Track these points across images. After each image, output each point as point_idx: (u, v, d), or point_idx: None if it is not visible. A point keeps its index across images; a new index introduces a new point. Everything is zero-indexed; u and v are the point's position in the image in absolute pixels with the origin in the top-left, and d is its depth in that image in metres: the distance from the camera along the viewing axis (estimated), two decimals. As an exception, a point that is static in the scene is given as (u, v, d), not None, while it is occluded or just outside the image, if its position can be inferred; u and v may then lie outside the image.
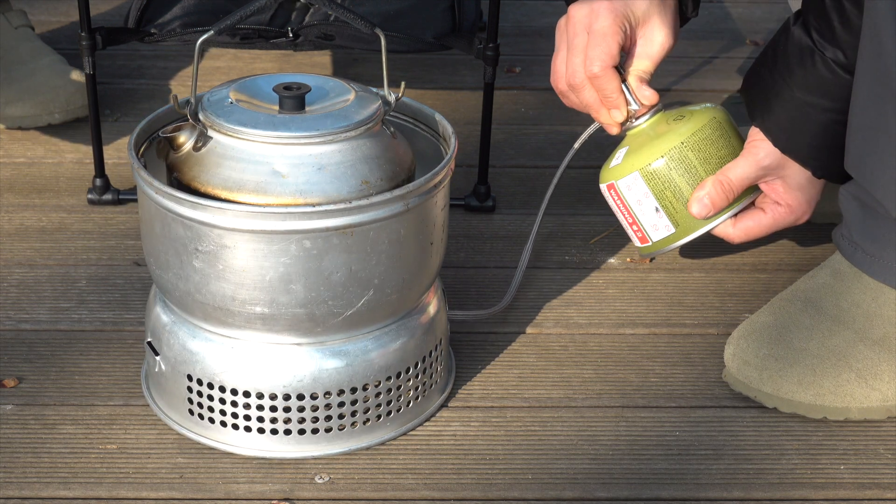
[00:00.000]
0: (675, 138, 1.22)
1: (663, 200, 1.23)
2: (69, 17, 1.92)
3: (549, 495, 1.08)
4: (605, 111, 1.24)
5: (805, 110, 1.19)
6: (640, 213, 1.24)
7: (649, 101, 1.24)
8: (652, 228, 1.25)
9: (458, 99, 1.72)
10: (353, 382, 1.09)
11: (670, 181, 1.22)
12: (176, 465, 1.09)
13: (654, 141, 1.23)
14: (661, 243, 1.25)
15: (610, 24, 1.20)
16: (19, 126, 1.58)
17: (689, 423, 1.16)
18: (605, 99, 1.24)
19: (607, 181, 1.25)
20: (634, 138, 1.25)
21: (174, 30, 1.42)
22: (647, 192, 1.23)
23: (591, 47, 1.21)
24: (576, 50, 1.22)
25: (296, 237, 1.03)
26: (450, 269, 1.36)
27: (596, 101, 1.24)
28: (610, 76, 1.22)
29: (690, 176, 1.22)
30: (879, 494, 1.09)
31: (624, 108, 1.24)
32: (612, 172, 1.24)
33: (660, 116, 1.25)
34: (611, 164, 1.25)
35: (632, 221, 1.25)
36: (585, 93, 1.24)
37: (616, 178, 1.24)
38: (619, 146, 1.27)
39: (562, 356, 1.24)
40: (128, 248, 1.39)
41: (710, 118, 1.24)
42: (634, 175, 1.23)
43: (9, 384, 1.18)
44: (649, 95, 1.24)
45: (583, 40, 1.22)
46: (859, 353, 1.15)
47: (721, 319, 1.30)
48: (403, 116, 1.20)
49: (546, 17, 1.97)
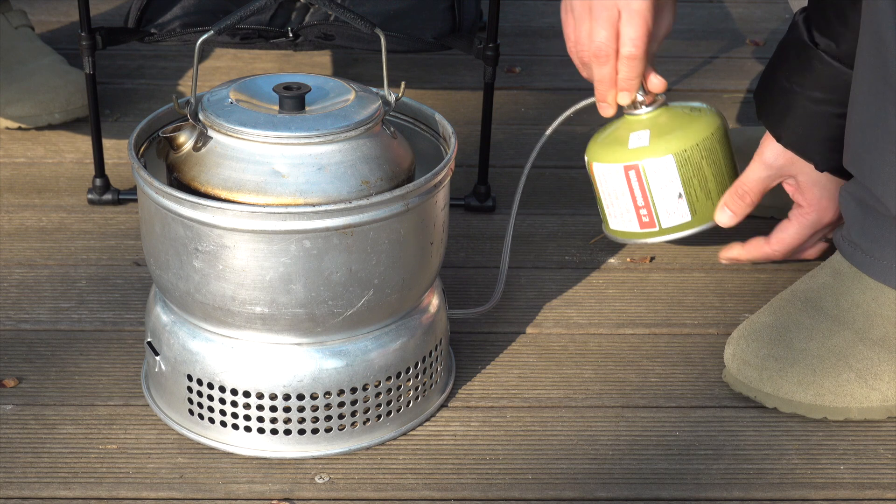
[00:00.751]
0: (706, 129, 1.25)
1: (689, 187, 1.25)
2: (69, 17, 1.92)
3: (549, 495, 1.08)
4: (613, 91, 1.24)
5: (801, 102, 1.20)
6: (660, 197, 1.25)
7: (657, 90, 1.25)
8: (665, 214, 1.26)
9: (458, 99, 1.72)
10: (353, 382, 1.09)
11: (700, 169, 1.24)
12: (176, 465, 1.09)
13: (685, 129, 1.24)
14: (671, 230, 1.27)
15: (648, 6, 1.20)
16: (19, 126, 1.59)
17: (689, 423, 1.16)
18: (624, 80, 1.23)
19: (626, 161, 1.25)
20: (656, 123, 1.25)
21: (174, 30, 1.42)
22: (675, 177, 1.24)
23: (626, 25, 1.20)
24: (601, 22, 1.21)
25: (296, 237, 1.03)
26: (450, 269, 1.36)
27: (612, 79, 1.23)
28: (640, 60, 1.21)
29: (716, 168, 1.25)
30: (879, 494, 1.09)
31: (634, 93, 1.24)
32: (636, 153, 1.25)
33: (667, 108, 1.26)
34: (629, 144, 1.25)
35: (643, 204, 1.26)
36: (605, 69, 1.23)
37: (642, 158, 1.24)
38: (622, 127, 1.27)
39: (562, 356, 1.24)
40: (128, 248, 1.39)
41: (721, 118, 1.27)
42: (667, 158, 1.24)
43: (9, 384, 1.18)
44: (658, 84, 1.24)
45: (612, 14, 1.20)
46: (859, 354, 1.15)
47: (721, 319, 1.30)
48: (403, 116, 1.20)
49: (546, 17, 1.97)
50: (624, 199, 1.27)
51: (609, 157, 1.26)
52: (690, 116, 1.26)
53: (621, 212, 1.28)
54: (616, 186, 1.27)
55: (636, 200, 1.26)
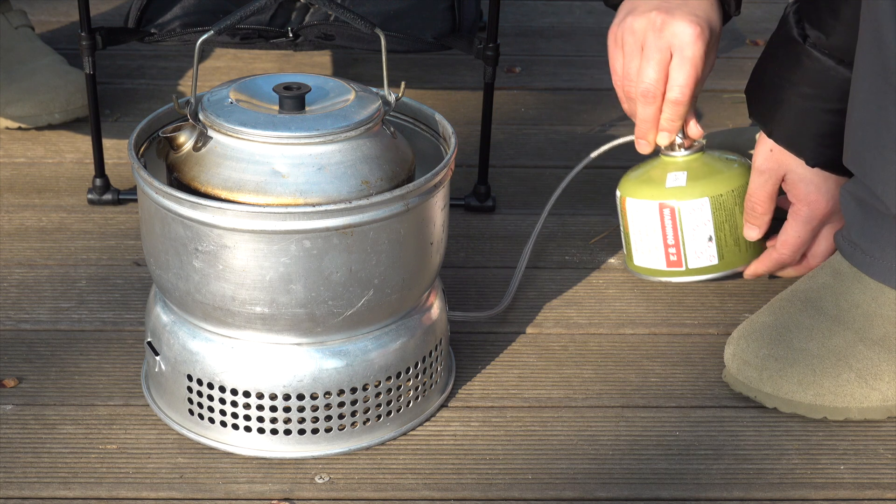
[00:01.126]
0: (741, 177, 1.28)
1: (720, 231, 1.28)
2: (69, 17, 1.92)
3: (549, 495, 1.08)
4: (654, 131, 1.26)
5: (791, 98, 1.21)
6: (691, 238, 1.28)
7: (695, 136, 1.29)
8: (694, 255, 1.29)
9: (458, 99, 1.72)
10: (353, 382, 1.09)
11: (732, 215, 1.27)
12: (176, 465, 1.09)
13: (721, 174, 1.28)
14: (697, 272, 1.30)
15: (701, 54, 1.22)
16: (19, 126, 1.58)
17: (689, 423, 1.16)
18: (667, 122, 1.26)
19: (662, 199, 1.27)
20: (693, 166, 1.29)
21: (174, 30, 1.42)
22: (708, 219, 1.27)
23: (676, 70, 1.23)
24: (653, 63, 1.23)
25: (296, 237, 1.03)
26: (450, 269, 1.36)
27: (655, 119, 1.25)
28: (686, 105, 1.25)
29: None
30: (879, 494, 1.09)
31: (675, 136, 1.27)
32: (673, 192, 1.27)
33: (703, 153, 1.30)
34: (666, 183, 1.28)
35: (673, 243, 1.28)
36: (650, 109, 1.25)
37: (679, 198, 1.27)
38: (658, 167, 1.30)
39: (562, 356, 1.24)
40: (128, 248, 1.39)
41: None
42: (703, 201, 1.27)
43: (9, 384, 1.18)
44: (696, 132, 1.29)
45: (664, 56, 1.23)
46: (859, 354, 1.15)
47: (721, 319, 1.30)
48: (403, 116, 1.20)
49: (546, 17, 1.97)
50: (654, 237, 1.29)
51: (644, 193, 1.28)
52: (726, 163, 1.29)
53: (649, 248, 1.30)
54: (648, 223, 1.28)
55: (666, 239, 1.28)
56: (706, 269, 1.30)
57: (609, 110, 1.70)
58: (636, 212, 1.29)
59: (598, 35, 1.91)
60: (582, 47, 1.88)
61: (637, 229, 1.30)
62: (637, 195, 1.29)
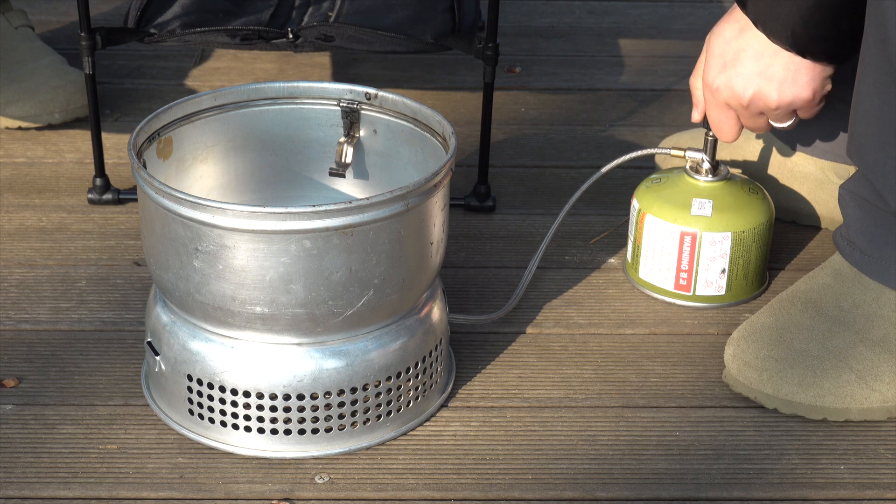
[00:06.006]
0: (763, 215, 1.29)
1: (734, 265, 1.28)
2: (69, 17, 1.92)
3: (549, 495, 1.08)
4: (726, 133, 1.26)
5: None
6: (705, 269, 1.29)
7: None
8: (703, 284, 1.29)
9: (458, 99, 1.72)
10: (353, 382, 1.09)
11: (748, 251, 1.28)
12: (176, 465, 1.09)
13: (746, 210, 1.28)
14: (702, 299, 1.30)
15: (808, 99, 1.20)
16: (19, 126, 1.59)
17: (689, 423, 1.16)
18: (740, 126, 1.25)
19: (686, 226, 1.27)
20: (718, 195, 1.28)
21: (174, 30, 1.42)
22: (726, 253, 1.28)
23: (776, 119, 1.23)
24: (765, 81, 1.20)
25: (296, 237, 1.03)
26: (450, 269, 1.36)
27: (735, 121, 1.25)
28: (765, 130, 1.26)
29: (760, 252, 1.30)
30: (879, 494, 1.09)
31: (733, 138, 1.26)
32: (697, 221, 1.27)
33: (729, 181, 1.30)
34: (691, 210, 1.27)
35: (686, 269, 1.28)
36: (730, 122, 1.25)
37: (702, 228, 1.27)
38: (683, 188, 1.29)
39: (562, 356, 1.24)
40: (128, 248, 1.39)
41: (771, 204, 1.31)
42: (726, 235, 1.27)
43: (9, 384, 1.18)
44: None
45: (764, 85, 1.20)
46: (859, 354, 1.15)
47: (721, 319, 1.30)
48: (404, 116, 1.20)
49: (546, 17, 1.97)
50: (669, 259, 1.29)
51: (667, 215, 1.28)
52: (749, 198, 1.29)
53: (660, 268, 1.30)
54: (666, 245, 1.29)
55: (681, 264, 1.29)
56: (712, 298, 1.30)
57: (609, 110, 1.70)
58: (655, 230, 1.29)
59: (598, 35, 1.91)
60: (582, 47, 1.88)
61: (651, 246, 1.30)
62: (660, 215, 1.28)
